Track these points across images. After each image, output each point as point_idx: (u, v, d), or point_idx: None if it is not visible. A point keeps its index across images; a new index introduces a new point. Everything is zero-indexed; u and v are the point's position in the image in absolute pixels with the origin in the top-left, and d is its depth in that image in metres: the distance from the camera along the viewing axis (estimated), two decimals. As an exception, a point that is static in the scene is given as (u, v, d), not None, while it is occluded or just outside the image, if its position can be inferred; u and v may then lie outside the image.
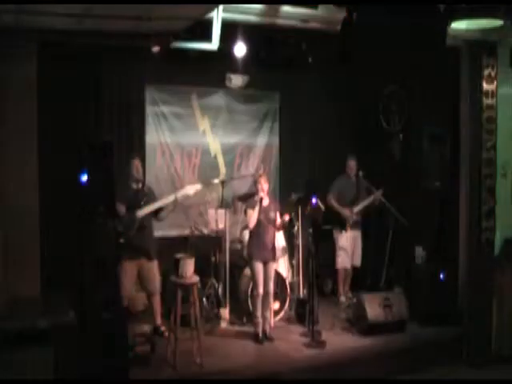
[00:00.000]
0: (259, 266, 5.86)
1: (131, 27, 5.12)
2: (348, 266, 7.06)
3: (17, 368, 4.16)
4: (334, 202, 7.04)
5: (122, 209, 5.54)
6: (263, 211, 5.89)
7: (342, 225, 6.98)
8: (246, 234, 6.31)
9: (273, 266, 5.99)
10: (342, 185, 7.13)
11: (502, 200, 6.17)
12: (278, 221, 6.05)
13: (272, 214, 5.95)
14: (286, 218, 6.05)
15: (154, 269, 5.80)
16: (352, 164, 7.09)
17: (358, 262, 7.13)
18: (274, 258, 6.00)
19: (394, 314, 6.03)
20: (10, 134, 4.93)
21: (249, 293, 6.18)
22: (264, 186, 5.94)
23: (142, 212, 5.62)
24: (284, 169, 7.94)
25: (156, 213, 5.76)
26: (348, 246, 7.01)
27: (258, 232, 5.88)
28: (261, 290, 5.86)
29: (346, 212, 6.96)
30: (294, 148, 7.92)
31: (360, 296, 6.27)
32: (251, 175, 7.49)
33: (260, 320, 5.90)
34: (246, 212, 6.00)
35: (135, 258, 5.67)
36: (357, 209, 6.96)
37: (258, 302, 5.88)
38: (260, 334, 5.87)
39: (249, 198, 6.62)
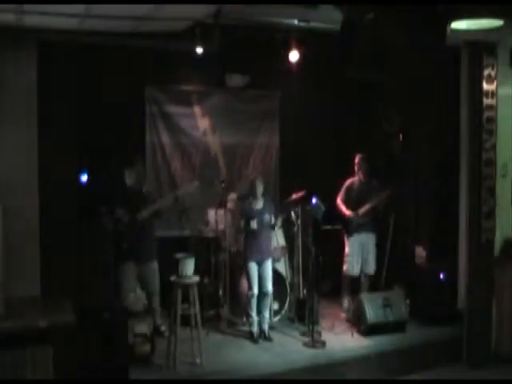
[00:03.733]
0: (254, 267, 5.87)
1: (131, 27, 5.12)
2: (352, 273, 6.68)
3: (17, 368, 4.16)
4: (342, 207, 6.72)
5: (122, 213, 5.53)
6: (257, 214, 5.89)
7: (347, 229, 6.69)
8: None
9: (269, 265, 5.98)
10: (351, 186, 6.78)
11: (502, 200, 6.17)
12: (272, 222, 6.05)
13: (267, 217, 5.94)
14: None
15: (153, 269, 5.80)
16: (356, 160, 6.73)
17: (369, 269, 6.68)
18: (269, 257, 6.00)
19: (394, 314, 6.02)
20: (9, 134, 4.94)
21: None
22: (258, 188, 5.94)
23: (143, 214, 5.62)
24: (284, 169, 7.94)
25: (156, 213, 5.76)
26: (354, 253, 6.63)
27: (252, 235, 5.88)
28: (256, 291, 5.86)
29: (349, 215, 6.63)
30: (294, 148, 7.91)
31: (360, 296, 6.27)
32: (252, 175, 7.48)
33: (255, 319, 5.91)
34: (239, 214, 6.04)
35: (135, 258, 5.67)
36: (362, 210, 6.62)
37: (253, 302, 5.89)
38: (255, 334, 5.87)
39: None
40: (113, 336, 4.69)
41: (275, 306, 6.38)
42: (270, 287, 5.98)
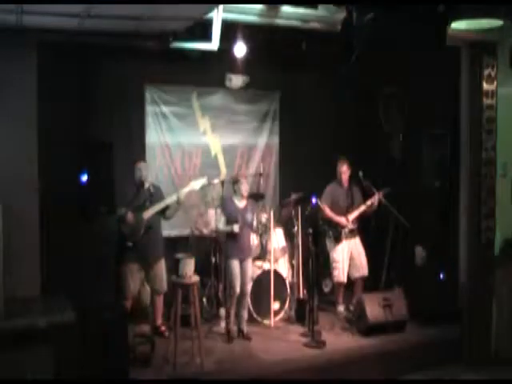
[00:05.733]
0: (235, 264, 5.87)
1: (131, 27, 5.12)
2: (344, 279, 6.64)
3: (17, 368, 4.16)
4: (329, 212, 6.59)
5: (127, 214, 5.51)
6: (240, 213, 5.89)
7: (336, 235, 6.60)
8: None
9: (249, 264, 6.00)
10: (335, 192, 6.68)
11: (502, 200, 6.17)
12: (255, 224, 6.08)
13: (249, 217, 5.94)
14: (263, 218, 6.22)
15: (161, 268, 5.78)
16: (344, 168, 6.62)
17: (364, 271, 6.65)
18: (249, 256, 6.03)
19: (394, 314, 6.02)
20: (10, 133, 4.93)
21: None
22: (244, 187, 5.93)
23: (148, 213, 5.61)
24: (284, 169, 7.94)
25: (163, 212, 5.75)
26: (345, 258, 6.57)
27: (234, 234, 5.85)
28: (238, 289, 5.86)
29: (342, 221, 6.54)
30: (294, 148, 7.91)
31: (360, 296, 6.27)
32: (252, 175, 7.50)
33: (233, 319, 5.92)
34: (220, 211, 6.01)
35: (143, 258, 5.65)
36: (352, 216, 6.58)
37: (233, 301, 5.90)
38: (233, 332, 5.88)
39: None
40: (113, 336, 4.69)
41: (275, 306, 6.38)
42: (249, 287, 5.99)
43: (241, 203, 6.00)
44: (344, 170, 6.64)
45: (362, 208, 6.63)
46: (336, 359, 5.56)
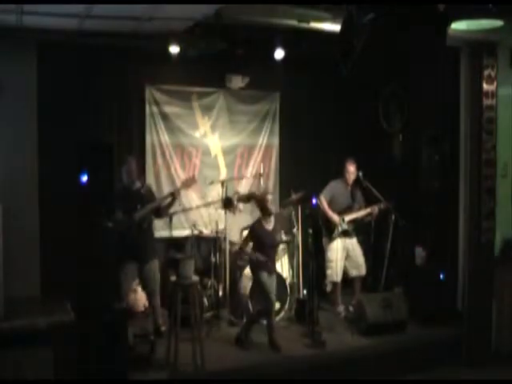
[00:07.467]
0: (266, 277, 5.64)
1: (131, 27, 5.13)
2: (337, 279, 6.60)
3: (17, 368, 4.16)
4: (325, 206, 6.57)
5: (120, 215, 5.51)
6: (268, 235, 5.66)
7: (328, 234, 6.59)
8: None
9: (274, 279, 5.86)
10: (337, 190, 6.66)
11: (502, 200, 6.17)
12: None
13: (278, 238, 5.76)
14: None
15: (153, 269, 5.78)
16: (352, 168, 6.57)
17: (361, 270, 6.63)
18: (275, 269, 5.90)
19: (393, 314, 6.02)
20: (10, 134, 4.94)
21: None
22: (272, 207, 5.72)
23: (140, 214, 5.60)
24: (284, 169, 7.94)
25: (157, 211, 5.74)
26: (339, 258, 6.52)
27: (261, 252, 5.62)
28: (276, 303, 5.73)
29: (335, 219, 6.52)
30: (294, 148, 7.91)
31: (360, 296, 6.27)
32: (252, 175, 7.49)
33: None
34: (247, 236, 5.76)
35: (135, 258, 5.66)
36: (348, 218, 6.55)
37: (273, 315, 5.72)
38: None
39: (249, 199, 6.61)
40: (113, 336, 4.69)
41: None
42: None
43: (269, 225, 5.69)
44: (352, 171, 6.59)
45: (361, 213, 6.61)
46: (336, 359, 5.56)
